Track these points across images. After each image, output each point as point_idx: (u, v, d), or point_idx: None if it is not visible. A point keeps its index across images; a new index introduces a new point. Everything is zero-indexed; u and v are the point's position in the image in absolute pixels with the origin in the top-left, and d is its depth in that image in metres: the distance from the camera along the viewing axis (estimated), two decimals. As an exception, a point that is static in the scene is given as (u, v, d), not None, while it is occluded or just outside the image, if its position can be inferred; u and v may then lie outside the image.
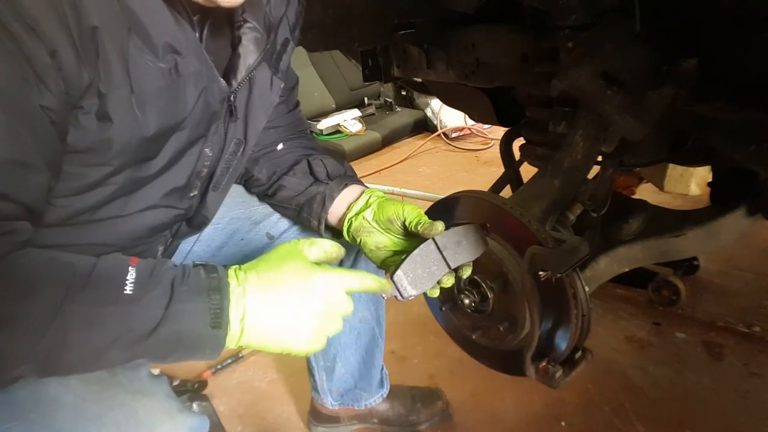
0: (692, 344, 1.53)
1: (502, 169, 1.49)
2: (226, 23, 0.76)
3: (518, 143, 1.41)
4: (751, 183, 1.22)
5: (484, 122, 3.07)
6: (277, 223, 1.07)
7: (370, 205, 0.91)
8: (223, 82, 0.75)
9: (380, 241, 0.90)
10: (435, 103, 3.95)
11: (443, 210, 1.09)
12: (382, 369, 1.34)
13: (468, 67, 1.21)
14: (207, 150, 0.78)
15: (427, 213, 1.13)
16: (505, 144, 1.49)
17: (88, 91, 0.58)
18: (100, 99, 0.59)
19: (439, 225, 0.80)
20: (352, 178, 1.00)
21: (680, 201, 2.34)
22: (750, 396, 1.33)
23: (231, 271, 0.63)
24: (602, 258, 1.11)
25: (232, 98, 0.77)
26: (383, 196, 0.94)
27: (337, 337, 1.11)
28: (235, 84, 0.76)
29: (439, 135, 3.88)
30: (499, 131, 2.01)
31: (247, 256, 1.05)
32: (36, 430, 0.57)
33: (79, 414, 0.59)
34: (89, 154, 0.62)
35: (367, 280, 0.69)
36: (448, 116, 3.88)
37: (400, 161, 3.57)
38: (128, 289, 0.56)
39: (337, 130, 3.78)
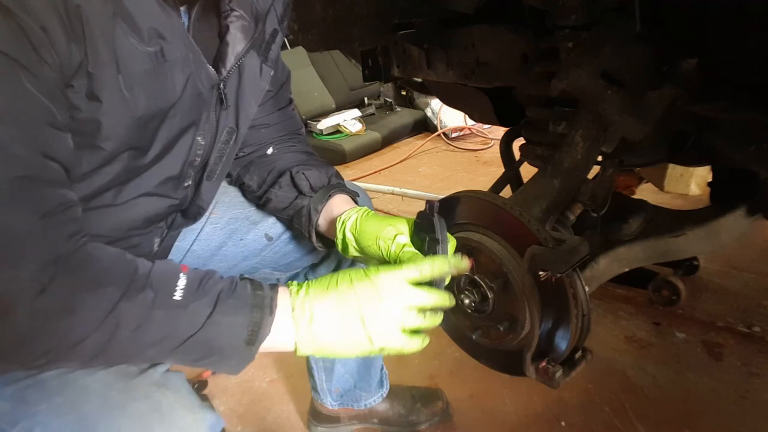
0: (692, 344, 1.53)
1: (502, 169, 1.49)
2: (213, 13, 0.76)
3: (518, 143, 1.41)
4: (751, 183, 1.22)
5: (484, 122, 3.08)
6: (275, 224, 1.07)
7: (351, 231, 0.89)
8: (211, 69, 0.75)
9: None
10: (435, 103, 3.95)
11: (443, 210, 1.09)
12: (382, 369, 1.34)
13: (468, 67, 1.21)
14: (199, 138, 0.78)
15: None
16: (505, 144, 1.49)
17: (78, 70, 0.58)
18: (89, 79, 0.59)
19: (465, 261, 0.78)
20: (336, 187, 0.97)
21: (680, 201, 2.34)
22: (750, 396, 1.33)
23: (295, 285, 0.69)
24: (602, 258, 1.11)
25: (221, 86, 0.78)
26: (364, 216, 0.89)
27: None
28: (224, 72, 0.77)
29: (439, 135, 3.88)
30: (499, 131, 2.01)
31: (246, 257, 1.05)
32: (63, 414, 0.57)
33: (104, 402, 0.59)
34: (79, 136, 0.62)
35: (429, 267, 0.69)
36: (448, 116, 3.88)
37: (400, 161, 3.57)
38: (177, 295, 0.60)
39: (337, 130, 3.78)
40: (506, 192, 1.31)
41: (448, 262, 0.72)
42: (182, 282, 0.62)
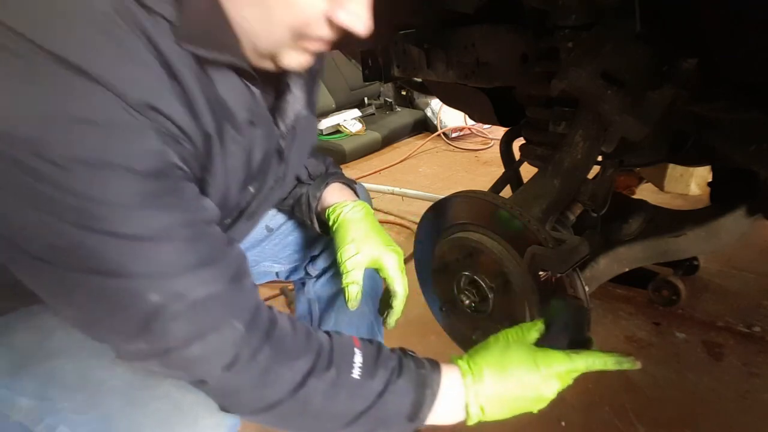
0: (692, 344, 1.53)
1: (502, 169, 1.49)
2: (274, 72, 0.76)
3: (518, 143, 1.41)
4: (751, 183, 1.22)
5: (484, 122, 3.08)
6: (276, 216, 1.07)
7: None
8: (278, 130, 0.74)
9: None
10: (435, 103, 3.95)
11: (444, 210, 1.09)
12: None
13: (468, 67, 1.21)
14: (251, 188, 0.78)
15: (427, 213, 1.14)
16: (505, 144, 1.49)
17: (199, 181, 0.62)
18: (203, 183, 0.63)
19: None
20: (333, 175, 1.00)
21: (680, 201, 2.34)
22: (750, 396, 1.33)
23: (465, 364, 0.72)
24: (602, 258, 1.11)
25: (281, 143, 0.76)
26: (347, 215, 0.94)
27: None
28: (283, 128, 0.75)
29: (439, 135, 3.88)
30: (499, 131, 2.01)
31: (247, 248, 1.05)
32: (85, 411, 0.57)
33: (126, 399, 0.59)
34: None
35: (596, 362, 0.75)
36: (448, 116, 3.88)
37: (400, 161, 3.57)
38: (356, 373, 0.65)
39: (337, 130, 3.78)
40: (506, 192, 1.31)
41: (614, 359, 0.76)
42: (358, 359, 0.66)
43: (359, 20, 0.60)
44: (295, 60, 0.64)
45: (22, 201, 0.48)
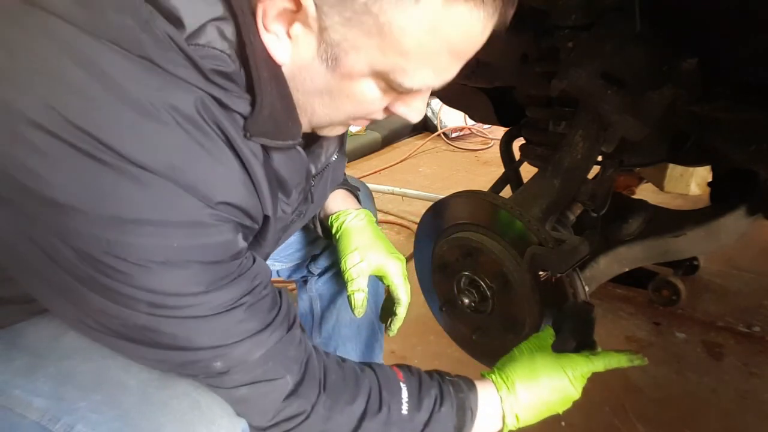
0: (692, 344, 1.53)
1: (502, 169, 1.49)
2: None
3: (518, 143, 1.41)
4: (751, 183, 1.22)
5: (484, 122, 3.08)
6: None
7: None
8: (311, 172, 0.75)
9: None
10: (435, 103, 3.95)
11: (444, 210, 1.09)
12: (382, 366, 1.34)
13: (468, 67, 1.20)
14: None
15: (427, 213, 1.14)
16: (505, 144, 1.49)
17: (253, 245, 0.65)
18: (256, 246, 0.67)
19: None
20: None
21: (680, 201, 2.34)
22: (750, 396, 1.33)
23: (498, 378, 0.77)
24: (602, 258, 1.11)
25: (311, 184, 0.78)
26: (350, 224, 0.95)
27: (339, 329, 1.12)
28: (314, 171, 0.77)
29: (439, 135, 3.88)
30: (499, 131, 2.01)
31: None
32: (103, 411, 0.57)
33: (144, 398, 0.59)
34: None
35: (611, 361, 0.81)
36: (448, 116, 3.88)
37: (400, 161, 3.57)
38: (404, 408, 0.69)
39: (337, 130, 3.78)
40: (506, 192, 1.31)
41: (625, 357, 0.82)
42: (405, 394, 0.70)
43: (417, 113, 0.65)
44: (337, 131, 0.70)
45: (95, 292, 0.51)
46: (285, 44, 0.55)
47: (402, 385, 0.71)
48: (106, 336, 0.56)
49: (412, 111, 0.64)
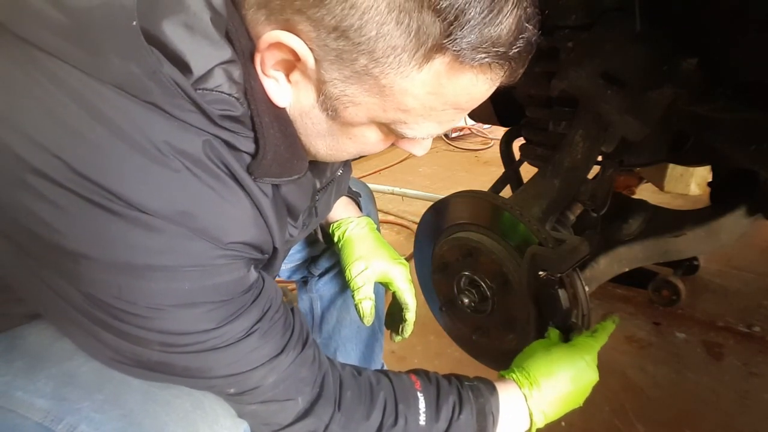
0: (692, 344, 1.53)
1: (502, 169, 1.49)
2: None
3: (518, 143, 1.41)
4: (751, 183, 1.22)
5: (484, 122, 3.08)
6: None
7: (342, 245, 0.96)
8: (317, 186, 0.75)
9: None
10: (435, 103, 3.94)
11: (444, 210, 1.09)
12: (382, 366, 1.34)
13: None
14: None
15: (427, 213, 1.14)
16: (505, 144, 1.49)
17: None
18: (266, 269, 0.66)
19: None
20: None
21: (680, 201, 2.34)
22: (750, 396, 1.33)
23: (519, 377, 0.77)
24: (602, 258, 1.11)
25: (317, 199, 0.77)
26: (352, 233, 0.96)
27: (339, 330, 1.12)
28: (319, 185, 0.76)
29: (439, 135, 3.87)
30: (499, 131, 2.01)
31: None
32: (107, 410, 0.57)
33: (147, 397, 0.59)
34: None
35: (603, 332, 0.86)
36: (448, 116, 3.88)
37: (400, 161, 3.57)
38: (422, 419, 0.68)
39: (337, 130, 3.78)
40: (506, 192, 1.31)
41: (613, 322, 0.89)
42: (422, 404, 0.69)
43: (423, 150, 0.65)
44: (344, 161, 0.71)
45: (107, 331, 0.51)
46: (285, 89, 0.54)
47: (419, 394, 0.70)
48: (120, 364, 0.56)
49: (417, 148, 0.65)
